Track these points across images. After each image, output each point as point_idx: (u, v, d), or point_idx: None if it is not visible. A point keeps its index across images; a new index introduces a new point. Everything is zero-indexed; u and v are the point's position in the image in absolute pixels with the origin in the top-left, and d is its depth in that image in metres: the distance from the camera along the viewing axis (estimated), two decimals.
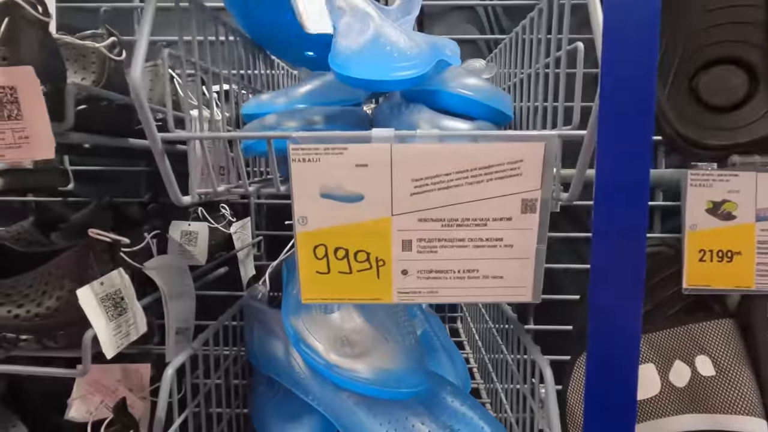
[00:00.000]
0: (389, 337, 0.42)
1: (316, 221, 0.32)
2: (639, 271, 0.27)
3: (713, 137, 0.35)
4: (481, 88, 0.41)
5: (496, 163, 0.31)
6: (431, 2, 0.83)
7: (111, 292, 0.38)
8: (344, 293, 0.34)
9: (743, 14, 0.34)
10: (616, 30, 0.27)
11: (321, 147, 0.31)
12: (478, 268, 0.33)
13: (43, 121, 0.32)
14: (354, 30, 0.34)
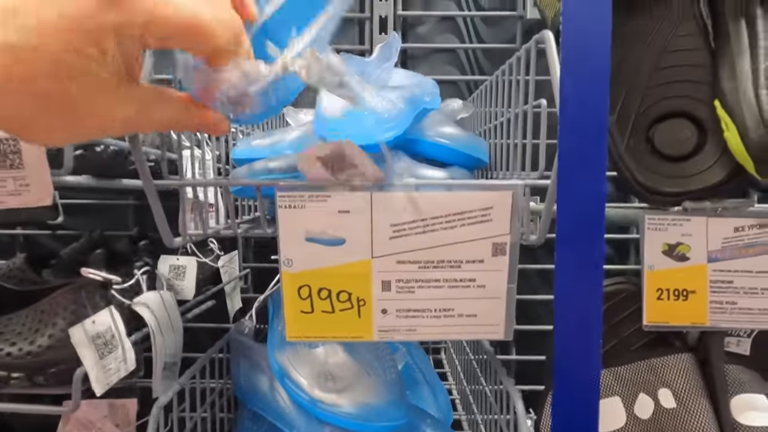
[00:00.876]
0: (371, 372, 0.43)
1: (301, 263, 0.34)
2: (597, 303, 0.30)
3: (668, 185, 0.38)
4: (457, 137, 0.44)
5: (468, 209, 0.34)
6: (415, 45, 0.87)
7: (102, 330, 0.40)
8: (327, 332, 0.36)
9: (691, 73, 0.38)
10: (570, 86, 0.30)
11: (306, 194, 0.33)
12: (453, 307, 0.36)
13: (42, 170, 0.34)
14: (335, 99, 0.37)
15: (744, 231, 0.36)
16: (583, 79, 0.30)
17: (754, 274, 0.36)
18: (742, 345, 0.43)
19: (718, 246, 0.36)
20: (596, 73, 0.30)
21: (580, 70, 0.30)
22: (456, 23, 0.88)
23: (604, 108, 0.29)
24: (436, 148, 0.43)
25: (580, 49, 0.29)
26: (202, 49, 0.23)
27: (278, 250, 0.34)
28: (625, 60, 0.40)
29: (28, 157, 0.33)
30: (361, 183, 0.33)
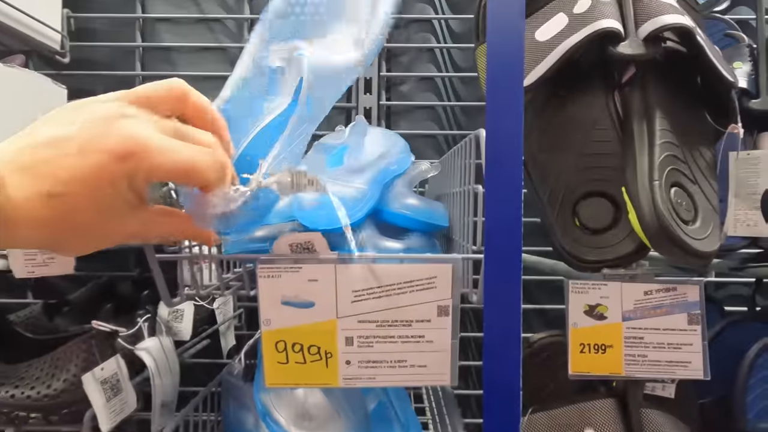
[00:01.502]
0: (341, 413, 0.50)
1: (277, 322, 0.41)
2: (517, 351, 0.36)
3: (590, 254, 0.45)
4: (418, 208, 0.51)
5: (416, 278, 0.41)
6: (397, 103, 0.95)
7: (109, 376, 0.46)
8: (300, 379, 0.42)
9: (608, 160, 0.45)
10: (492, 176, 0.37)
11: (282, 266, 0.40)
12: (406, 359, 0.42)
13: None
14: (308, 195, 0.45)
15: (652, 294, 0.43)
16: (501, 173, 0.37)
17: (661, 332, 0.43)
18: (667, 389, 0.49)
19: (631, 307, 0.43)
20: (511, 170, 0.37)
21: (499, 168, 0.37)
22: (435, 83, 0.96)
23: (518, 199, 0.36)
24: (399, 218, 0.50)
25: (499, 149, 0.36)
26: (195, 184, 0.31)
27: (258, 312, 0.41)
28: (556, 147, 0.48)
29: None
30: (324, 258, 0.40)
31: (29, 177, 0.26)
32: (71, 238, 0.28)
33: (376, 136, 0.61)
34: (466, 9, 0.95)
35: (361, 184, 0.47)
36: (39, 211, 0.26)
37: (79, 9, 0.93)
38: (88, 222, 0.28)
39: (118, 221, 0.29)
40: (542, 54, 0.45)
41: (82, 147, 0.27)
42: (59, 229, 0.27)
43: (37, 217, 0.26)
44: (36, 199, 0.26)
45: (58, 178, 0.26)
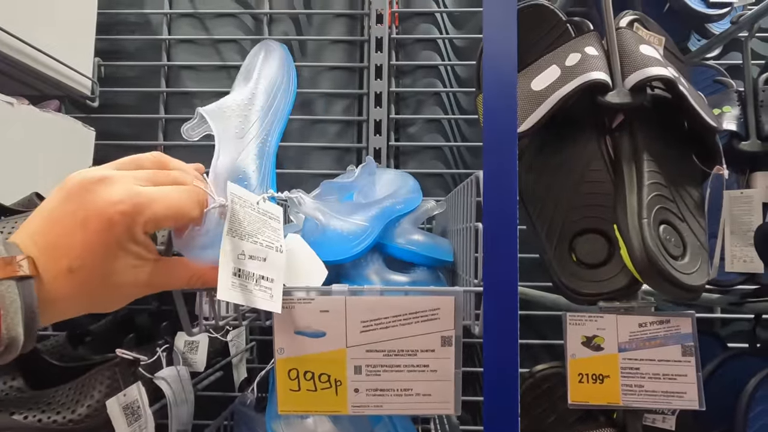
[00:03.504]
0: None
1: (290, 351, 0.44)
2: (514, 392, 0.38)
3: (586, 287, 0.47)
4: (422, 243, 0.54)
5: (420, 310, 0.43)
6: (405, 143, 1.00)
7: (130, 402, 0.49)
8: (311, 406, 0.45)
9: (601, 199, 0.48)
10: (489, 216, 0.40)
11: (295, 298, 0.43)
12: (412, 387, 0.44)
13: None
14: (310, 228, 0.48)
15: (647, 326, 0.45)
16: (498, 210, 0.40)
17: (657, 362, 0.45)
18: (667, 421, 0.51)
19: (626, 338, 0.45)
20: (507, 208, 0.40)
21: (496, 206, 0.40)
22: (441, 124, 1.01)
23: (513, 243, 0.39)
24: (405, 252, 0.53)
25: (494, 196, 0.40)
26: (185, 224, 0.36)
27: (273, 341, 0.43)
28: (552, 186, 0.51)
29: None
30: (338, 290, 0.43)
31: (51, 257, 0.30)
32: (101, 300, 0.33)
33: (390, 176, 0.64)
34: (471, 56, 1.01)
35: (361, 221, 0.50)
36: (67, 287, 0.30)
37: (109, 57, 1.00)
38: (109, 284, 0.32)
39: (135, 276, 0.33)
40: (537, 102, 0.48)
41: (84, 220, 0.30)
42: (88, 296, 0.31)
43: (67, 292, 0.30)
44: (62, 276, 0.30)
45: (73, 253, 0.30)
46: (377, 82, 0.96)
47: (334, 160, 1.01)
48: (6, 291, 0.28)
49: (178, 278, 0.37)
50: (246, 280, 0.38)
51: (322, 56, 1.02)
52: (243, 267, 0.38)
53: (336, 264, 0.48)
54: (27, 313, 0.28)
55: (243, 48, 1.03)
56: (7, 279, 0.28)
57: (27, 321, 0.28)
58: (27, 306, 0.28)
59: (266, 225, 0.42)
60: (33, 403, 0.49)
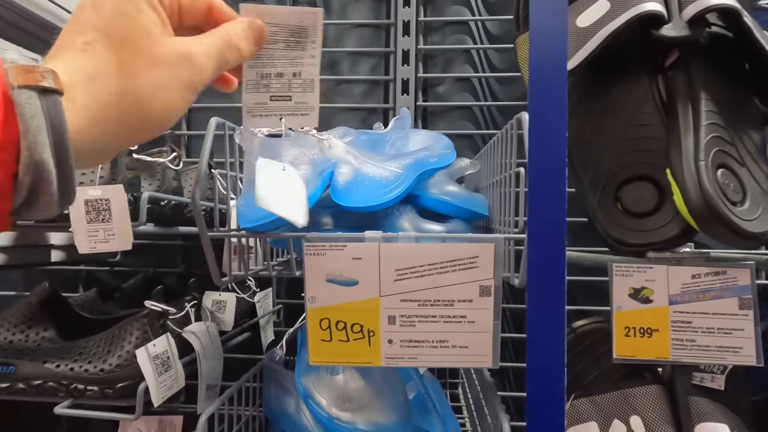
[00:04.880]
0: (382, 396, 0.50)
1: (322, 300, 0.42)
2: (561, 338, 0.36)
3: (634, 237, 0.44)
4: (457, 194, 0.51)
5: (458, 258, 0.41)
6: (434, 103, 0.96)
7: (160, 353, 0.48)
8: (343, 357, 0.43)
9: (651, 144, 0.45)
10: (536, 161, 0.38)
11: (327, 244, 0.41)
12: (448, 339, 0.42)
13: (125, 222, 0.44)
14: (342, 173, 0.46)
15: (700, 278, 0.42)
16: (546, 157, 0.37)
17: (711, 316, 0.42)
18: (716, 381, 0.48)
19: (677, 291, 0.42)
20: (557, 150, 0.37)
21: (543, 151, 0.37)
22: (471, 83, 0.97)
23: (562, 181, 0.36)
24: (439, 203, 0.50)
25: (543, 131, 0.37)
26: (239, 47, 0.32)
27: (304, 289, 0.42)
28: (598, 131, 0.48)
29: (115, 212, 0.43)
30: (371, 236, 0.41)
31: (69, 44, 0.25)
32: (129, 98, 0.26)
33: (423, 136, 0.62)
34: (503, 10, 0.96)
35: (396, 168, 0.48)
36: (82, 60, 0.25)
37: None
38: (130, 58, 0.26)
39: (157, 48, 0.27)
40: (584, 39, 0.45)
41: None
42: (112, 84, 0.25)
43: (83, 65, 0.24)
44: (76, 50, 0.25)
45: (85, 28, 0.25)
46: (404, 39, 0.93)
47: (361, 121, 0.98)
48: (26, 101, 0.21)
49: (213, 46, 0.30)
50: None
51: (348, 13, 0.99)
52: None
53: (367, 210, 0.46)
54: (56, 134, 0.22)
55: None
56: (26, 88, 0.21)
57: (57, 144, 0.22)
58: (54, 125, 0.22)
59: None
60: (65, 353, 0.49)
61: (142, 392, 0.45)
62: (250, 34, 0.33)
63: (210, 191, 0.62)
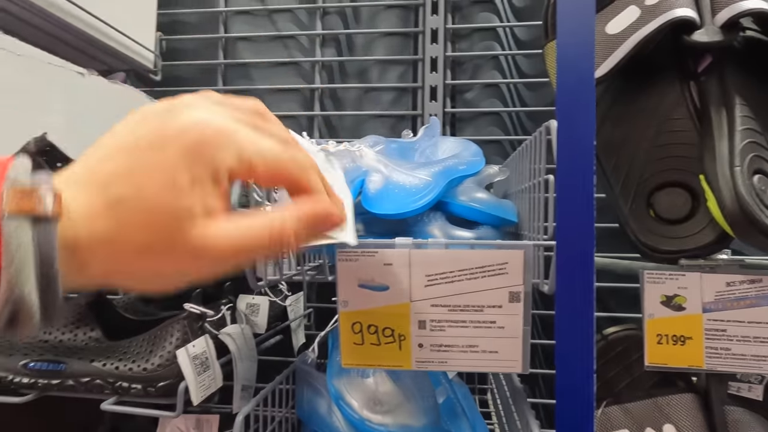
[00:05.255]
0: (412, 399, 0.51)
1: (354, 304, 0.44)
2: (590, 345, 0.36)
3: (666, 244, 0.44)
4: (486, 201, 0.52)
5: (487, 264, 0.42)
6: (462, 110, 0.97)
7: (199, 353, 0.50)
8: (374, 361, 0.44)
9: (684, 150, 0.45)
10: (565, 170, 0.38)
11: (359, 251, 0.43)
12: (477, 344, 0.43)
13: None
14: (373, 181, 0.47)
15: (735, 286, 0.42)
16: (574, 165, 0.38)
17: (746, 324, 0.41)
18: (753, 390, 0.47)
19: (711, 298, 0.42)
20: (584, 158, 0.37)
21: (571, 159, 0.38)
22: (500, 89, 0.97)
23: (590, 187, 0.37)
24: (468, 210, 0.51)
25: (569, 142, 0.37)
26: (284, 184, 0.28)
27: (337, 293, 0.43)
28: (629, 136, 0.48)
29: None
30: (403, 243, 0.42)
31: (92, 186, 0.22)
32: (144, 260, 0.23)
33: (451, 143, 0.63)
34: (531, 16, 0.96)
35: (425, 176, 0.49)
36: (103, 221, 0.22)
37: (170, 32, 1.02)
38: (161, 230, 0.23)
39: (178, 237, 0.23)
40: (613, 46, 0.45)
41: (153, 139, 0.23)
42: (129, 247, 0.22)
43: (102, 229, 0.22)
44: (102, 210, 0.22)
45: (121, 179, 0.22)
46: (433, 47, 0.94)
47: (389, 128, 0.99)
48: (14, 231, 0.19)
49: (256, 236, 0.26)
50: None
51: (377, 22, 1.00)
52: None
53: (397, 218, 0.47)
54: (43, 264, 0.20)
55: (297, 17, 1.03)
56: (19, 215, 0.20)
57: (42, 277, 0.20)
58: (44, 255, 0.20)
59: (330, 173, 0.41)
60: (110, 352, 0.52)
61: (182, 391, 0.48)
62: (305, 223, 0.28)
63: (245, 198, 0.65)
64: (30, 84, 0.67)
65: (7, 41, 0.63)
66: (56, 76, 0.72)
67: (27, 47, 0.66)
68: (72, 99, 0.74)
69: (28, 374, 0.50)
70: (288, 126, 0.40)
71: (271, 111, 0.40)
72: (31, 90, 0.67)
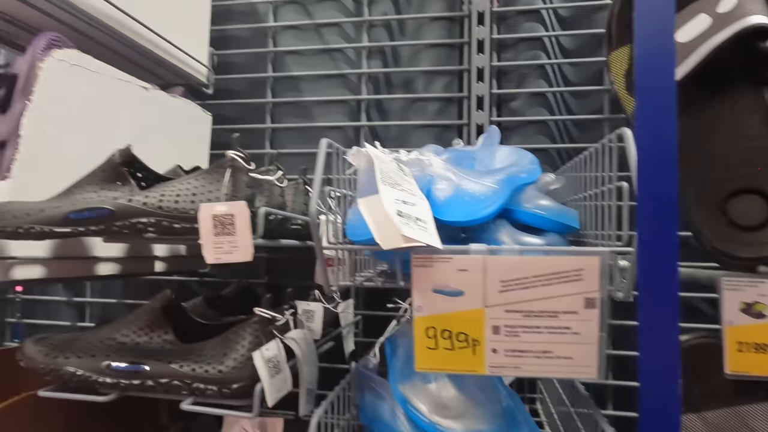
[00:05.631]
0: (479, 405, 0.51)
1: (428, 309, 0.44)
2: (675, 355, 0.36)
3: (743, 251, 0.44)
4: (550, 208, 0.52)
5: (563, 270, 0.42)
6: (510, 119, 0.97)
7: (272, 356, 0.52)
8: (448, 365, 0.45)
9: (759, 156, 0.44)
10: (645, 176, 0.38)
11: (434, 256, 0.44)
12: (552, 350, 0.43)
13: (247, 235, 0.48)
14: (440, 189, 0.48)
15: None
16: (655, 170, 0.38)
17: None
18: None
19: None
20: (666, 166, 0.38)
21: (652, 164, 0.38)
22: (546, 97, 0.97)
23: (673, 194, 0.37)
24: (533, 217, 0.52)
25: (651, 148, 0.38)
26: None
27: (412, 298, 0.44)
28: (702, 144, 0.48)
29: (238, 226, 0.47)
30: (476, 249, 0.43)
31: None
32: None
33: (506, 152, 0.63)
34: (576, 25, 0.96)
35: (492, 184, 0.50)
36: None
37: (221, 46, 1.06)
38: None
39: None
40: (684, 54, 0.45)
41: None
42: None
43: None
44: None
45: None
46: (479, 57, 0.95)
47: (435, 137, 1.01)
48: None
49: None
50: (407, 220, 0.39)
51: (422, 34, 1.02)
52: (402, 209, 0.39)
53: (465, 225, 0.48)
54: None
55: (344, 30, 1.05)
56: None
57: None
58: None
59: (405, 180, 0.43)
60: (186, 354, 0.54)
61: (259, 392, 0.49)
62: None
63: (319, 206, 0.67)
64: (101, 97, 0.71)
65: (84, 59, 0.67)
66: (124, 91, 0.75)
67: (99, 63, 0.70)
68: (137, 112, 0.78)
69: (111, 374, 0.52)
70: (335, 137, 0.42)
71: (319, 122, 0.42)
72: (102, 103, 0.71)
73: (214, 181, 0.49)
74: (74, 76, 0.65)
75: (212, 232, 0.47)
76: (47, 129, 0.61)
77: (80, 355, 0.53)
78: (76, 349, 0.54)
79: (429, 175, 0.51)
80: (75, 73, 0.65)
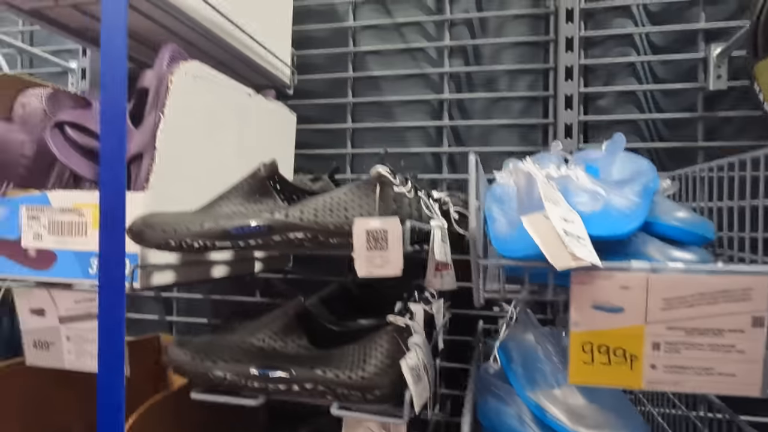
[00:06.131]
0: (619, 416, 0.52)
1: (585, 325, 0.45)
2: None
3: None
4: (688, 220, 0.52)
5: (729, 288, 0.42)
6: (598, 117, 0.96)
7: (414, 364, 0.54)
8: (603, 379, 0.46)
9: None
10: None
11: (595, 273, 0.44)
12: (713, 366, 0.44)
13: (398, 250, 0.49)
14: (584, 203, 0.48)
15: None
16: None
17: None
18: None
19: None
20: None
21: None
22: (635, 95, 0.96)
23: None
24: (672, 230, 0.52)
25: None
26: None
27: (569, 314, 0.45)
28: None
29: (390, 240, 0.49)
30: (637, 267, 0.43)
31: None
32: None
33: (621, 158, 0.63)
34: (668, 19, 0.94)
35: (634, 196, 0.50)
36: None
37: (301, 47, 1.07)
38: None
39: None
40: None
41: None
42: None
43: None
44: None
45: None
46: (567, 55, 0.94)
47: (520, 138, 1.00)
48: None
49: None
50: (572, 239, 0.40)
51: (504, 31, 1.01)
52: (567, 228, 0.40)
53: (612, 239, 0.49)
54: None
55: (424, 29, 1.05)
56: None
57: None
58: None
59: (555, 195, 0.43)
60: (326, 360, 0.56)
61: (408, 398, 0.51)
62: None
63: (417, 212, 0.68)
64: (217, 106, 0.72)
65: (204, 69, 0.69)
66: (233, 98, 0.77)
67: (215, 73, 0.71)
68: (241, 117, 0.80)
69: (258, 379, 0.55)
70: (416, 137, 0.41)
71: (400, 122, 0.43)
72: (217, 111, 0.73)
73: (363, 196, 0.51)
74: (198, 87, 0.67)
75: (365, 246, 0.48)
76: (178, 140, 0.64)
77: (226, 359, 0.56)
78: (221, 353, 0.57)
79: (568, 188, 0.52)
80: (198, 84, 0.67)
